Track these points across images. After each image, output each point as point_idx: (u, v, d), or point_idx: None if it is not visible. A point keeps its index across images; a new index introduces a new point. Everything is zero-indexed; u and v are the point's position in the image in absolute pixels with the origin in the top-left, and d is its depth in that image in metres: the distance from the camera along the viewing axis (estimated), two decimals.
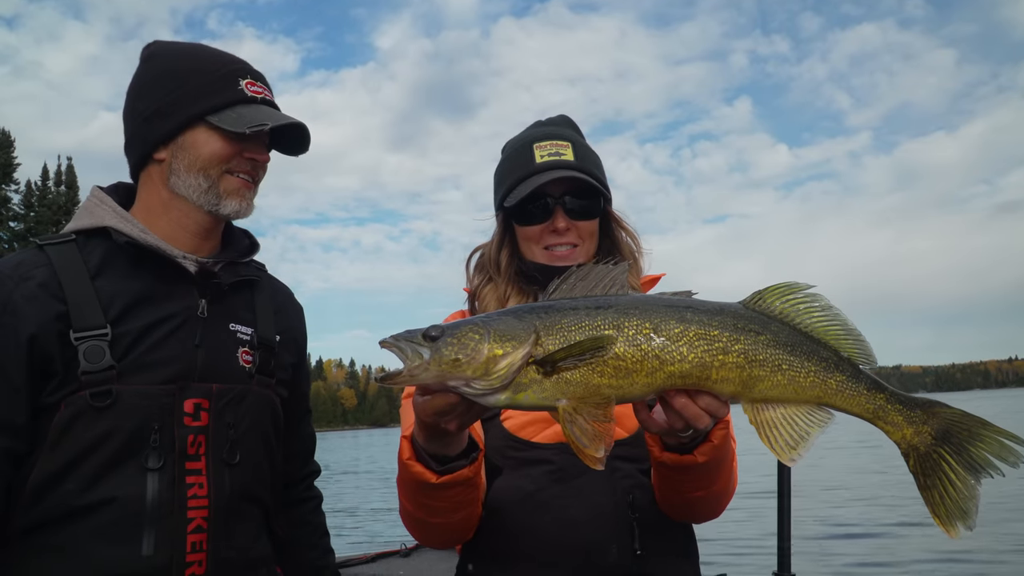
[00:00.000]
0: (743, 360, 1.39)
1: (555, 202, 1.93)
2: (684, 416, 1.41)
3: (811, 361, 1.41)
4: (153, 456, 1.70)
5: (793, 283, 1.44)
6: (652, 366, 1.37)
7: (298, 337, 2.11)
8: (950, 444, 1.38)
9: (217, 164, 1.82)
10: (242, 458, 1.82)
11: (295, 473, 2.14)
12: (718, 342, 1.39)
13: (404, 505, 1.76)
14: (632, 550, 1.75)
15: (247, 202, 1.88)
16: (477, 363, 1.32)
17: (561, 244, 1.95)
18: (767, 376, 1.40)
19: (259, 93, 1.88)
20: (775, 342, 1.41)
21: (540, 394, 1.35)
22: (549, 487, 1.78)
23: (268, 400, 1.92)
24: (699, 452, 1.58)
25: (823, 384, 1.41)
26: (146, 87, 1.88)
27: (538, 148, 1.98)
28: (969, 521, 1.35)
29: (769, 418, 1.40)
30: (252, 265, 2.02)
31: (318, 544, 2.18)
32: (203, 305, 1.84)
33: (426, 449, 1.58)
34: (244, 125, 1.78)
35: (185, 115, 1.81)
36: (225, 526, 1.77)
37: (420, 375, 1.34)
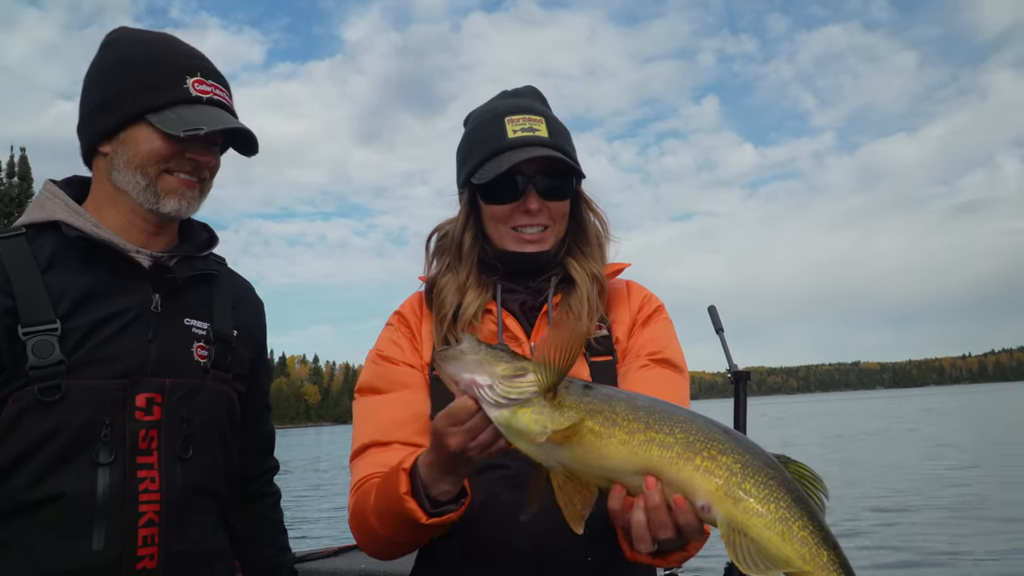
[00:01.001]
0: (738, 468, 1.30)
1: (527, 181, 1.85)
2: (651, 518, 1.35)
3: (812, 521, 1.29)
4: (104, 451, 1.69)
5: (817, 475, 1.36)
6: (636, 427, 1.35)
7: (257, 332, 2.09)
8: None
9: (155, 163, 1.80)
10: (195, 452, 1.81)
11: (253, 469, 2.13)
12: (717, 442, 1.33)
13: (370, 522, 1.70)
14: (585, 557, 1.74)
15: (187, 201, 1.85)
16: (511, 368, 1.39)
17: (531, 225, 1.88)
18: (759, 500, 1.28)
19: (205, 93, 1.84)
20: (782, 481, 1.31)
21: (533, 416, 1.37)
22: (503, 493, 1.76)
23: (224, 395, 1.91)
24: (671, 559, 1.56)
25: (815, 551, 1.27)
26: (97, 76, 1.87)
27: (510, 122, 1.89)
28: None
29: (742, 542, 1.28)
30: (211, 259, 2.00)
31: (275, 541, 2.18)
32: (157, 300, 1.82)
33: (425, 486, 1.57)
34: (180, 128, 1.76)
35: (126, 112, 1.80)
36: (178, 520, 1.76)
37: (467, 355, 1.42)
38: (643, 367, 1.86)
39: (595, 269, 1.94)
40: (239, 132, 1.90)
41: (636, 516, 1.36)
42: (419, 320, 1.96)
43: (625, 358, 1.90)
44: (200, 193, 1.90)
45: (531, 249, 1.89)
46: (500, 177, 1.83)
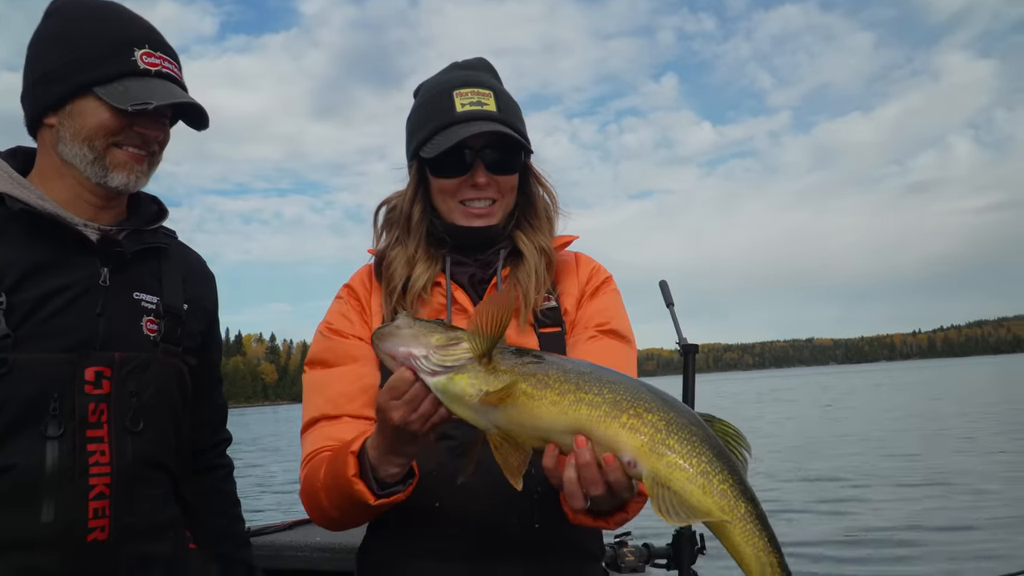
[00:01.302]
0: (663, 424, 1.36)
1: (475, 155, 1.87)
2: (583, 476, 1.40)
3: (733, 475, 1.35)
4: (53, 424, 1.69)
5: (741, 432, 1.43)
6: (566, 388, 1.40)
7: (208, 306, 2.10)
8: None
9: (102, 136, 1.79)
10: (146, 425, 1.82)
11: (205, 441, 2.15)
12: (643, 401, 1.39)
13: (321, 501, 1.74)
14: (531, 522, 1.79)
15: (135, 176, 1.84)
16: (444, 337, 1.44)
17: (479, 199, 1.90)
18: (682, 454, 1.35)
19: (154, 66, 1.83)
20: (706, 439, 1.37)
21: (469, 380, 1.42)
22: (450, 462, 1.79)
23: (175, 368, 1.92)
24: (612, 520, 1.61)
25: (733, 501, 1.33)
26: (41, 46, 1.84)
27: (458, 96, 1.90)
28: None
29: (664, 494, 1.34)
30: (160, 232, 1.99)
31: (228, 511, 2.20)
32: (105, 274, 1.82)
33: (373, 467, 1.60)
34: (128, 102, 1.74)
35: (72, 84, 1.78)
36: (128, 492, 1.78)
37: (402, 329, 1.46)
38: (591, 338, 1.90)
39: (543, 242, 1.97)
40: (189, 106, 1.88)
41: (568, 473, 1.41)
42: (369, 293, 1.98)
43: (573, 329, 1.94)
44: (149, 167, 1.89)
45: (479, 223, 1.91)
46: (448, 151, 1.84)
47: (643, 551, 2.93)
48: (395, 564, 1.85)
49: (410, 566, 1.83)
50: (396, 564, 1.85)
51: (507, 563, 1.79)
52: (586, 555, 1.92)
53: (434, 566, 1.80)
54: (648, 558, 2.93)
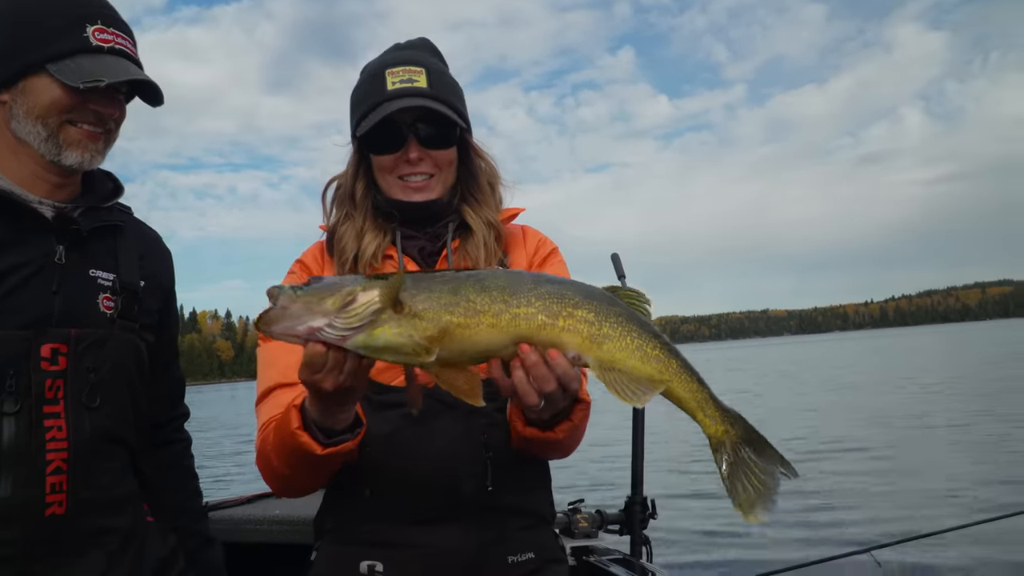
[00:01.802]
0: (593, 317, 1.50)
1: (408, 130, 1.92)
2: (534, 375, 1.50)
3: (657, 339, 1.53)
4: (9, 401, 1.70)
5: (642, 293, 1.59)
6: (499, 308, 1.47)
7: (164, 282, 2.11)
8: (751, 447, 1.55)
9: (56, 114, 1.79)
10: (103, 401, 1.84)
11: (162, 416, 2.17)
12: (569, 299, 1.50)
13: (272, 462, 1.78)
14: (484, 485, 1.86)
15: (90, 153, 1.85)
16: (337, 296, 1.42)
17: (415, 174, 1.95)
18: (617, 338, 1.51)
19: (107, 42, 1.82)
20: (626, 315, 1.53)
21: (395, 329, 1.43)
22: (405, 428, 1.85)
23: (131, 344, 1.93)
24: (559, 429, 1.68)
25: (667, 361, 1.53)
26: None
27: (390, 74, 1.94)
28: (769, 506, 1.52)
29: (615, 377, 1.51)
30: (115, 209, 2.00)
31: (186, 485, 2.23)
32: (60, 251, 1.82)
33: (316, 421, 1.64)
34: (80, 79, 1.74)
35: (24, 61, 1.77)
36: (85, 467, 1.80)
37: (290, 307, 1.42)
38: None
39: (490, 216, 2.03)
40: (143, 82, 1.88)
41: (517, 375, 1.51)
42: (321, 268, 2.03)
43: None
44: (105, 145, 1.89)
45: (417, 197, 1.96)
46: (380, 128, 1.91)
47: (596, 517, 3.01)
48: (350, 528, 1.91)
49: (365, 529, 1.88)
50: (352, 528, 1.91)
51: (461, 525, 1.86)
52: (538, 519, 1.99)
53: (389, 529, 1.86)
54: (601, 524, 3.02)
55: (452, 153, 2.01)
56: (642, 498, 2.95)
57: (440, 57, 2.11)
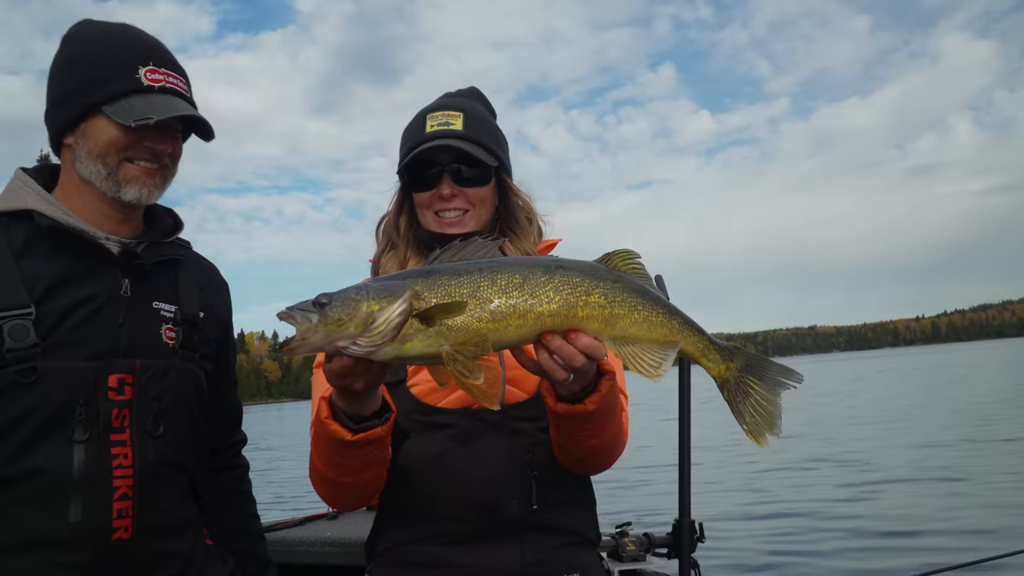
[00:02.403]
0: (604, 300, 1.59)
1: (443, 169, 2.05)
2: (561, 356, 1.57)
3: (659, 305, 1.65)
4: (79, 429, 1.78)
5: (631, 250, 1.68)
6: (523, 308, 1.54)
7: (222, 313, 2.19)
8: (751, 373, 1.71)
9: (114, 153, 1.88)
10: (166, 429, 1.91)
11: (221, 442, 2.25)
12: (581, 286, 1.59)
13: (316, 465, 1.87)
14: (529, 504, 1.92)
15: (148, 189, 1.93)
16: (358, 320, 1.45)
17: (449, 210, 2.07)
18: (626, 315, 1.61)
19: (158, 81, 1.92)
20: (629, 288, 1.63)
21: (425, 342, 1.49)
22: (453, 449, 1.93)
23: (192, 374, 2.01)
24: (589, 401, 1.72)
25: (670, 323, 1.65)
26: (57, 71, 1.94)
27: (430, 118, 2.09)
28: (775, 430, 1.67)
29: (630, 351, 1.62)
30: (176, 244, 2.09)
31: (243, 510, 2.29)
32: (126, 285, 1.91)
33: (343, 410, 1.70)
34: (131, 118, 1.84)
35: (83, 104, 1.88)
36: (150, 493, 1.87)
37: (311, 338, 1.45)
38: None
39: (528, 247, 2.13)
40: (197, 118, 1.97)
41: (543, 356, 1.59)
42: None
43: None
44: (162, 180, 1.97)
45: (451, 231, 2.05)
46: (417, 166, 2.05)
47: (644, 540, 3.01)
48: (401, 549, 1.97)
49: (415, 550, 1.94)
50: (402, 549, 1.97)
51: (507, 545, 1.91)
52: (583, 539, 2.04)
53: (438, 550, 1.92)
54: (649, 547, 3.02)
55: (486, 192, 2.11)
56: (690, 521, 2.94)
57: (487, 104, 2.24)
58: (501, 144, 2.16)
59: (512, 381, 1.97)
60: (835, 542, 8.82)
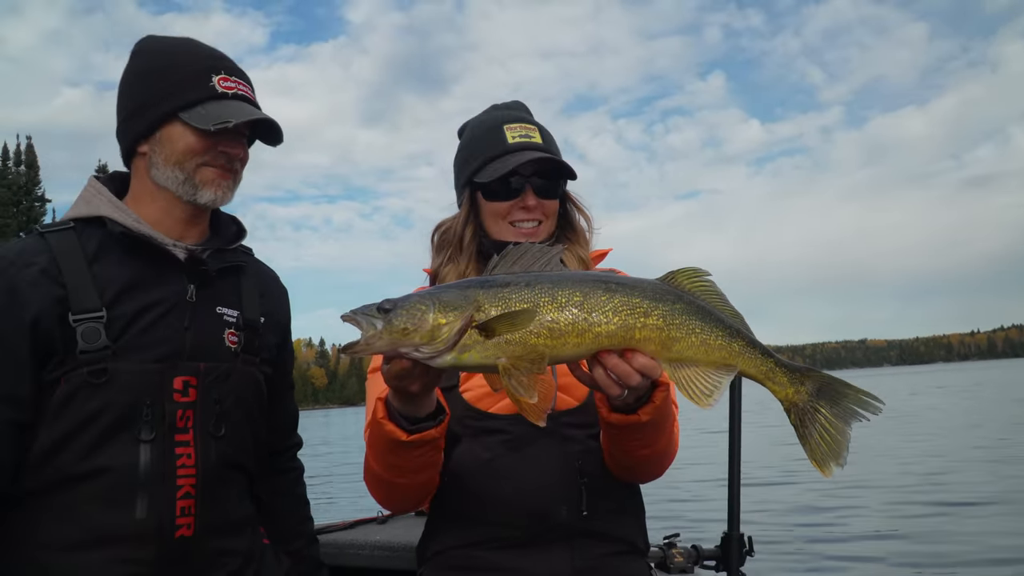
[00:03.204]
0: (662, 323, 1.58)
1: (525, 181, 2.09)
2: (616, 374, 1.58)
3: (719, 328, 1.62)
4: (145, 429, 1.84)
5: (699, 268, 1.66)
6: (582, 328, 1.55)
7: (282, 319, 2.25)
8: (823, 399, 1.64)
9: (191, 158, 1.95)
10: (227, 431, 1.97)
11: (279, 444, 2.30)
12: (640, 307, 1.58)
13: (371, 466, 1.91)
14: (579, 510, 1.93)
15: (223, 191, 2.01)
16: (423, 331, 1.49)
17: (528, 220, 2.11)
18: (683, 338, 1.60)
19: (231, 89, 1.99)
20: (688, 310, 1.61)
21: (483, 354, 1.52)
22: (504, 455, 1.96)
23: (252, 377, 2.07)
24: (643, 412, 1.74)
25: (729, 347, 1.62)
26: (129, 84, 2.02)
27: (508, 129, 2.13)
28: (840, 460, 1.62)
29: (685, 375, 1.61)
30: (239, 251, 2.15)
31: (298, 512, 2.34)
32: (192, 290, 1.97)
33: (399, 411, 1.74)
34: (210, 123, 1.90)
35: (159, 112, 1.95)
36: (211, 492, 1.92)
37: (375, 343, 1.50)
38: None
39: (582, 254, 2.18)
40: (263, 124, 2.04)
41: (598, 373, 1.60)
42: None
43: None
44: (234, 183, 2.05)
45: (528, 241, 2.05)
46: (502, 177, 2.05)
47: (692, 552, 2.99)
48: (452, 553, 2.00)
49: (466, 554, 1.97)
50: (454, 553, 2.00)
51: (557, 550, 1.93)
52: (632, 548, 2.05)
53: (489, 554, 1.95)
54: (697, 559, 2.99)
55: (557, 204, 2.16)
56: (739, 534, 2.92)
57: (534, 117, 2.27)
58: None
59: (563, 388, 1.99)
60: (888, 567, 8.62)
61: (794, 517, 11.34)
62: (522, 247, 1.65)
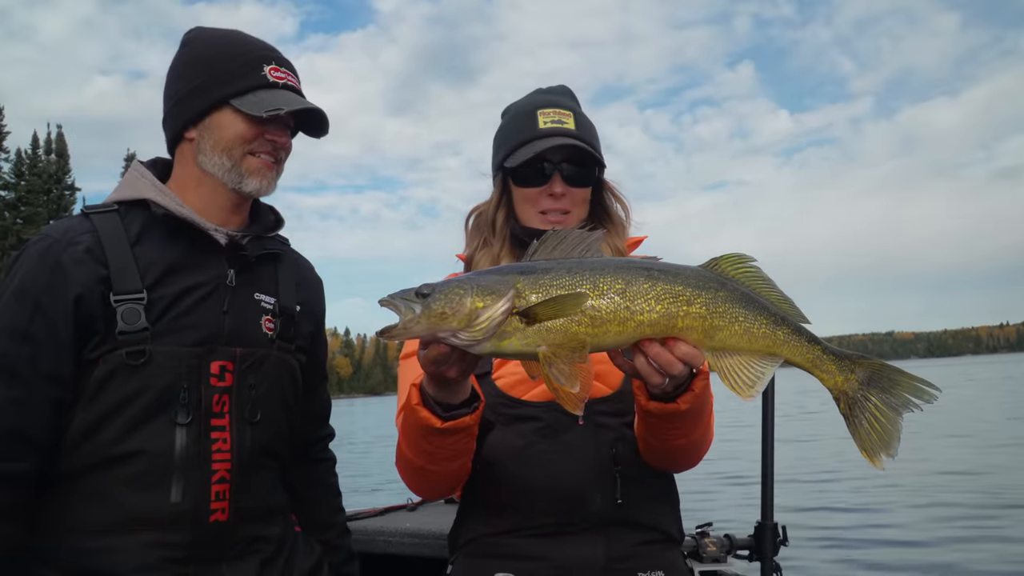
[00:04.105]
0: (705, 311, 1.55)
1: (553, 167, 2.04)
2: (659, 363, 1.56)
3: (763, 315, 1.58)
4: (182, 412, 1.85)
5: (743, 254, 1.62)
6: (624, 316, 1.52)
7: (316, 308, 2.25)
8: (874, 388, 1.59)
9: (239, 145, 1.95)
10: (262, 416, 1.97)
11: (312, 434, 2.30)
12: (682, 296, 1.55)
13: (404, 452, 1.89)
14: (614, 499, 1.91)
15: (267, 180, 2.01)
16: (461, 315, 1.46)
17: (555, 209, 2.06)
18: (726, 326, 1.56)
19: (281, 79, 2.00)
20: (732, 298, 1.58)
21: (523, 341, 1.50)
22: (538, 442, 1.94)
23: (287, 364, 2.07)
24: (682, 400, 1.71)
25: (773, 335, 1.58)
26: (180, 70, 2.03)
27: (541, 114, 2.09)
28: (891, 451, 1.56)
29: (728, 364, 1.58)
30: (277, 240, 2.16)
31: (331, 502, 2.35)
32: (231, 275, 1.98)
33: (433, 397, 1.72)
34: (262, 109, 1.91)
35: (211, 98, 1.95)
36: (246, 477, 1.93)
37: (412, 328, 1.48)
38: None
39: (618, 243, 2.13)
40: (308, 116, 2.04)
41: (640, 361, 1.57)
42: None
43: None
44: (277, 174, 2.05)
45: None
46: (528, 162, 2.03)
47: (725, 542, 2.97)
48: (485, 541, 1.99)
49: (498, 542, 1.96)
50: (486, 541, 1.98)
51: (592, 538, 1.91)
52: (667, 536, 2.03)
53: (522, 542, 1.93)
54: (730, 549, 2.97)
55: (588, 192, 2.12)
56: (773, 524, 2.89)
57: (578, 103, 2.23)
58: (599, 144, 2.16)
59: (597, 376, 1.96)
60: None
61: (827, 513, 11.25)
62: (561, 232, 1.62)
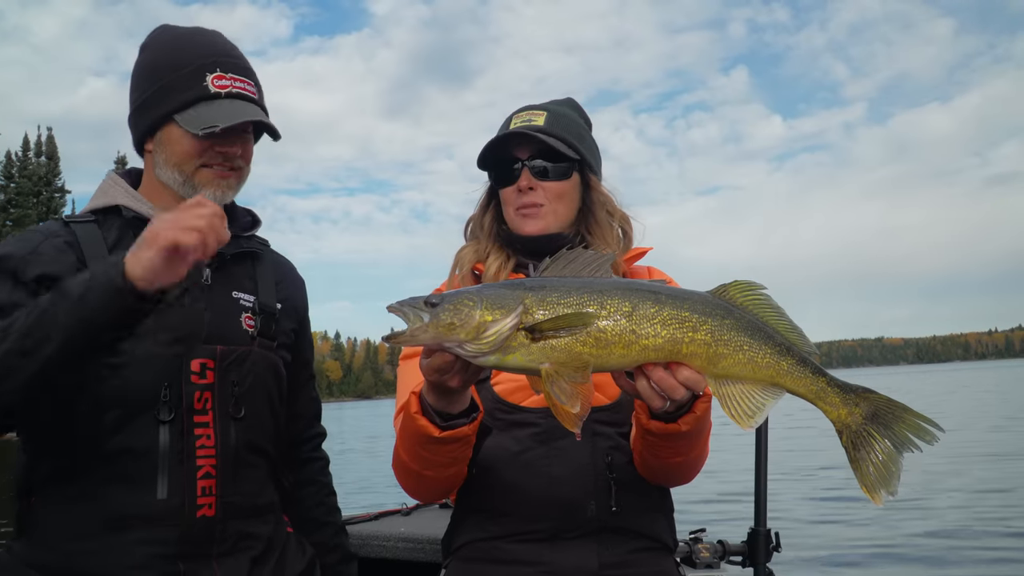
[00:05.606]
0: (710, 339, 1.54)
1: (522, 164, 2.06)
2: (661, 387, 1.55)
3: (767, 345, 1.57)
4: (164, 410, 1.84)
5: (752, 281, 1.61)
6: (629, 339, 1.51)
7: (299, 306, 2.25)
8: (878, 423, 1.57)
9: (189, 160, 1.95)
10: (247, 413, 1.96)
11: (301, 434, 2.29)
12: (688, 322, 1.54)
13: (401, 457, 1.89)
14: (608, 506, 1.91)
15: (222, 190, 1.99)
16: (469, 327, 1.46)
17: (527, 204, 2.06)
18: (730, 354, 1.55)
19: (225, 87, 1.97)
20: (737, 326, 1.56)
21: (527, 357, 1.49)
22: (534, 448, 1.94)
23: (270, 361, 2.06)
24: (683, 422, 1.70)
25: (776, 365, 1.57)
26: (135, 80, 2.03)
27: (516, 117, 2.13)
28: (891, 488, 1.54)
29: (729, 392, 1.57)
30: (254, 239, 2.16)
31: (324, 502, 2.33)
32: (208, 274, 1.98)
33: (432, 406, 1.72)
34: (199, 126, 1.90)
35: (156, 114, 1.96)
36: (232, 473, 1.92)
37: (419, 336, 1.48)
38: None
39: (604, 245, 2.09)
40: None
41: (641, 384, 1.56)
42: None
43: None
44: (237, 180, 2.03)
45: (529, 226, 2.06)
46: (496, 161, 2.10)
47: (718, 548, 2.96)
48: (478, 546, 1.98)
49: (492, 547, 1.95)
50: (480, 546, 1.98)
51: (585, 545, 1.90)
52: (660, 544, 2.02)
53: (515, 547, 1.92)
54: (723, 554, 2.96)
55: (565, 187, 2.09)
56: (766, 530, 2.89)
57: (581, 113, 2.23)
58: (586, 143, 2.15)
59: (596, 386, 1.96)
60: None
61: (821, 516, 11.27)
62: (574, 252, 1.62)
